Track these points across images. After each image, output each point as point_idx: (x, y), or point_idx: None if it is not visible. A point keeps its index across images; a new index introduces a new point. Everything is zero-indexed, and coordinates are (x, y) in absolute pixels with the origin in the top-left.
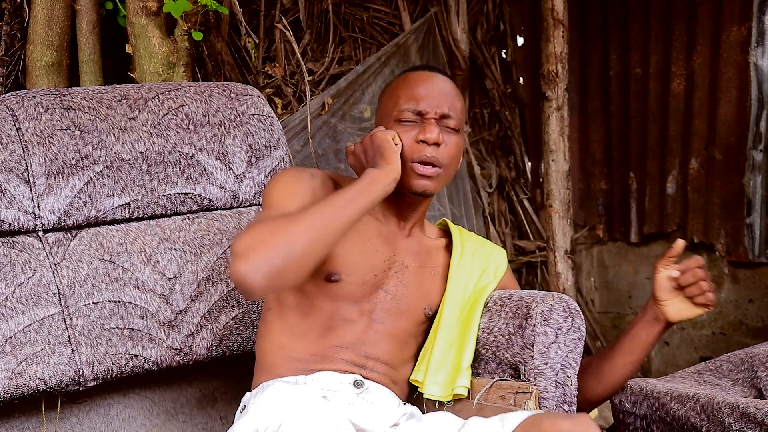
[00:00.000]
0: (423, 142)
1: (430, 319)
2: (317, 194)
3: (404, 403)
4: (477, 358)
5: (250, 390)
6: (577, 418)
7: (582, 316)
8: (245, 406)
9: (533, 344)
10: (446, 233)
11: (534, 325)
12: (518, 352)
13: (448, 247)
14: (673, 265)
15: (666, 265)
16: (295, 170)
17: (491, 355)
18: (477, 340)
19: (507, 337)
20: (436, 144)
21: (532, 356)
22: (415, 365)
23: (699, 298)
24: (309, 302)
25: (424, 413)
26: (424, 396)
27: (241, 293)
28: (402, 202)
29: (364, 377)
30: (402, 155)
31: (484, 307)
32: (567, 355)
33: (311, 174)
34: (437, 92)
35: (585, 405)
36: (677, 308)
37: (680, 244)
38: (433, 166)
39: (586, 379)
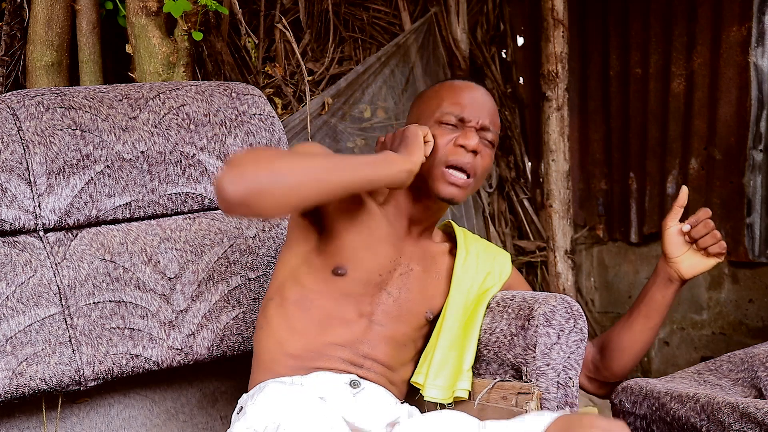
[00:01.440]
0: (462, 147)
1: (431, 323)
2: None
3: (401, 402)
4: (479, 358)
5: (247, 390)
6: (615, 422)
7: (584, 317)
8: (242, 407)
9: (535, 345)
10: (450, 236)
11: (536, 326)
12: (520, 353)
13: (453, 251)
14: (680, 223)
15: (674, 220)
16: (317, 146)
17: (493, 356)
18: (479, 340)
19: (509, 337)
20: (474, 152)
21: (534, 357)
22: (415, 367)
23: (714, 247)
24: (310, 297)
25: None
26: (425, 399)
27: (217, 199)
28: (419, 204)
29: (361, 377)
30: (435, 156)
31: (486, 307)
32: (569, 357)
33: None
34: (481, 103)
35: (615, 379)
36: (690, 263)
37: (684, 190)
38: (467, 175)
39: (611, 355)
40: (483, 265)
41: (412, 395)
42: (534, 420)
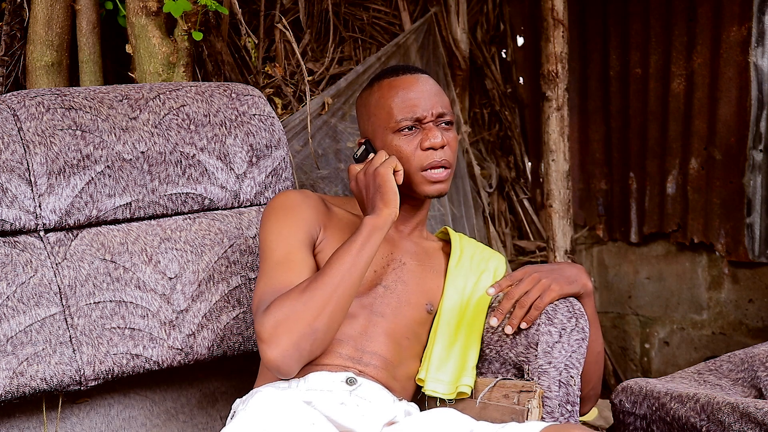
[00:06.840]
0: (429, 148)
1: (433, 318)
2: (310, 223)
3: (400, 400)
4: (481, 357)
5: (248, 391)
6: None
7: (586, 316)
8: (234, 412)
9: (537, 343)
10: (446, 239)
11: (538, 325)
12: (522, 352)
13: (447, 250)
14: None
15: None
16: (288, 200)
17: (495, 355)
18: (481, 339)
19: (511, 336)
20: (442, 147)
21: (536, 356)
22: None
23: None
24: None
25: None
26: (426, 393)
27: (271, 365)
28: (405, 204)
29: (360, 371)
30: (409, 167)
31: (489, 307)
32: (571, 355)
33: (304, 196)
34: (427, 93)
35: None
36: None
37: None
38: (444, 168)
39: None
40: (478, 265)
41: (416, 395)
42: (521, 428)
